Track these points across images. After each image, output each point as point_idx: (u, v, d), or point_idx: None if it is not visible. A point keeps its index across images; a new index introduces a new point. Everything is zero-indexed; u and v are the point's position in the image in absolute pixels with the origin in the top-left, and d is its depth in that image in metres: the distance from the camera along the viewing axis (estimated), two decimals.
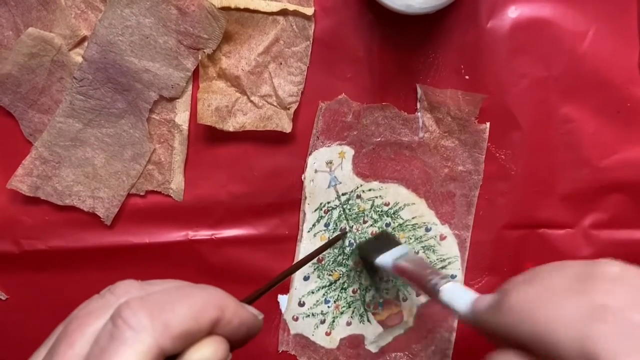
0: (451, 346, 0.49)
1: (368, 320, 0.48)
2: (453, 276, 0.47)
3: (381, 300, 0.48)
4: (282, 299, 0.47)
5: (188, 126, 0.43)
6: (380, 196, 0.46)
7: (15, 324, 0.47)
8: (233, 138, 0.44)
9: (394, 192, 0.46)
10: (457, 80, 0.43)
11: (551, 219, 0.46)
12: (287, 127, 0.43)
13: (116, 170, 0.44)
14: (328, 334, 0.48)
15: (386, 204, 0.46)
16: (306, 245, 0.46)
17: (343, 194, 0.46)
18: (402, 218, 0.47)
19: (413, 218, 0.47)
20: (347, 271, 0.47)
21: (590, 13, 0.42)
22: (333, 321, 0.48)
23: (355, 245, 0.46)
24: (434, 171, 0.45)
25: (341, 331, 0.48)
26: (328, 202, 0.45)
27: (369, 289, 0.48)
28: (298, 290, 0.47)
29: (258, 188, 0.45)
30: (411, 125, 0.44)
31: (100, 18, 0.40)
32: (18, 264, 0.45)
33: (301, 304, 0.47)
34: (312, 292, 0.47)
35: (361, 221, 0.46)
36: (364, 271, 0.47)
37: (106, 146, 0.43)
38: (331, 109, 0.44)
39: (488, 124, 0.44)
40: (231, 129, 0.42)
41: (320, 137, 0.44)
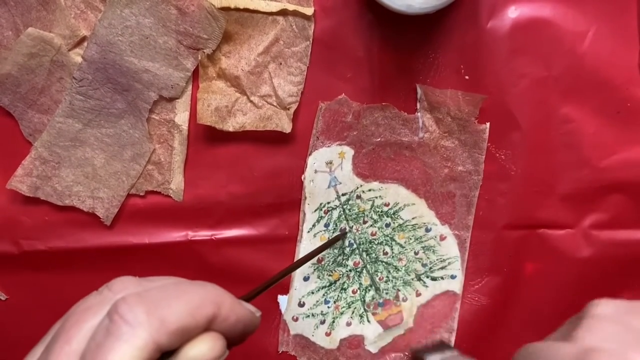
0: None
1: (368, 320, 0.48)
2: (453, 276, 0.47)
3: (381, 300, 0.48)
4: (282, 300, 0.47)
5: (188, 126, 0.43)
6: (380, 196, 0.46)
7: (15, 324, 0.47)
8: (233, 138, 0.44)
9: (394, 193, 0.46)
10: (457, 80, 0.43)
11: (551, 219, 0.46)
12: (287, 127, 0.43)
13: (116, 170, 0.44)
14: (328, 335, 0.48)
15: (386, 204, 0.46)
16: (306, 245, 0.46)
17: (343, 194, 0.45)
18: (402, 218, 0.46)
19: (413, 218, 0.47)
20: (347, 271, 0.47)
21: (590, 13, 0.42)
22: (333, 321, 0.48)
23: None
24: (434, 171, 0.45)
25: (341, 331, 0.48)
26: (328, 203, 0.45)
27: (369, 289, 0.48)
28: (298, 290, 0.47)
29: (258, 188, 0.45)
30: (411, 125, 0.44)
31: (99, 18, 0.40)
32: (18, 264, 0.45)
33: (301, 305, 0.47)
34: (312, 293, 0.47)
35: (361, 221, 0.46)
36: (364, 271, 0.47)
37: (106, 146, 0.43)
38: (331, 109, 0.44)
39: (488, 124, 0.44)
40: (231, 129, 0.42)
41: (320, 138, 0.44)
